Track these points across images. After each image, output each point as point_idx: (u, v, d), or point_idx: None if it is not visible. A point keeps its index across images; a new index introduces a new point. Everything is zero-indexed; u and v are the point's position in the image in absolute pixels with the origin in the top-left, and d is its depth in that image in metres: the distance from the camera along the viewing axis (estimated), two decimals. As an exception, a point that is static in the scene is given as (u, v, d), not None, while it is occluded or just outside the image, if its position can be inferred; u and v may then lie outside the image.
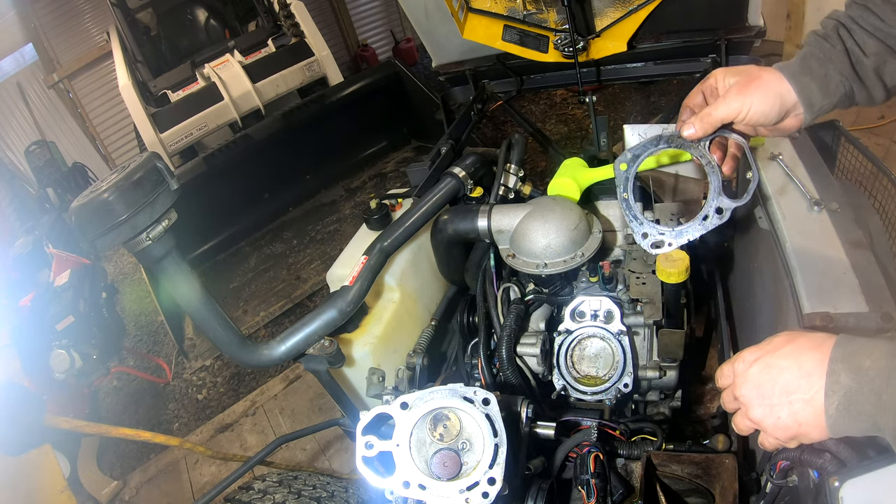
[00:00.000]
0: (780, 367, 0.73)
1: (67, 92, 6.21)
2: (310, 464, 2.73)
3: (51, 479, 1.67)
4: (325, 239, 4.00)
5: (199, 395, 3.48)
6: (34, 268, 2.90)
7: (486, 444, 0.72)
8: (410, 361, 1.39)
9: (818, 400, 0.69)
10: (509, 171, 1.63)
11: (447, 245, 1.51)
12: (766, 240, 1.31)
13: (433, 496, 0.72)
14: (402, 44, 7.45)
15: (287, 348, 1.18)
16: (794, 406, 0.71)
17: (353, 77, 4.26)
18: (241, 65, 4.61)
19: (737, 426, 0.80)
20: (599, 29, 1.96)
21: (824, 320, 0.87)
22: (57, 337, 2.53)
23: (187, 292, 1.07)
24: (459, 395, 0.74)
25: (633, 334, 1.29)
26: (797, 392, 0.71)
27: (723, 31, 1.90)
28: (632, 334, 1.27)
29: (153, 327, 4.21)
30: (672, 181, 1.69)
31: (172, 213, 0.99)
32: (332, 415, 2.22)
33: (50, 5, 5.92)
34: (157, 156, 0.98)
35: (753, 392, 0.75)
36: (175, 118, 4.42)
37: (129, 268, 5.13)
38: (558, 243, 1.27)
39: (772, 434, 0.75)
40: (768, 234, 1.29)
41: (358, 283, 1.26)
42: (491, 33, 2.05)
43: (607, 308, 1.25)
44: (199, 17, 5.39)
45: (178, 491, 2.87)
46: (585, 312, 1.26)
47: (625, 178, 0.99)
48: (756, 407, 0.75)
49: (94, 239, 0.92)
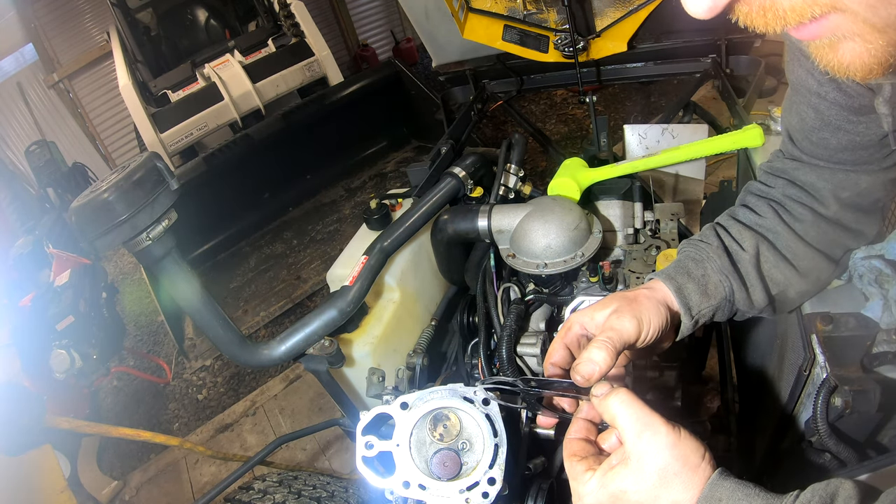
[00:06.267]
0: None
1: (67, 92, 6.21)
2: (310, 464, 2.74)
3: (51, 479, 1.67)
4: (325, 239, 4.00)
5: (199, 395, 3.48)
6: (34, 268, 2.90)
7: (486, 444, 0.72)
8: (410, 361, 1.39)
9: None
10: (509, 171, 1.63)
11: (447, 245, 1.51)
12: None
13: (433, 496, 0.72)
14: (402, 44, 7.46)
15: (287, 348, 1.18)
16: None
17: (354, 77, 4.26)
18: (242, 65, 4.62)
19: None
20: (599, 29, 1.96)
21: (824, 320, 0.87)
22: (57, 337, 2.53)
23: (187, 292, 1.07)
24: (459, 395, 0.74)
25: (633, 334, 1.28)
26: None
27: (723, 30, 1.90)
28: (632, 334, 1.26)
29: (153, 327, 4.22)
30: (672, 181, 1.69)
31: (172, 213, 0.98)
32: (332, 415, 2.23)
33: (50, 5, 5.92)
34: (157, 156, 0.98)
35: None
36: (175, 118, 4.42)
37: (129, 268, 5.13)
38: (558, 243, 1.27)
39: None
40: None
41: (358, 283, 1.26)
42: (491, 33, 2.05)
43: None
44: (199, 17, 5.40)
45: (178, 491, 2.88)
46: (585, 312, 1.26)
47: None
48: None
49: (94, 239, 0.91)
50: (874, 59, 0.45)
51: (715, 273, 0.84)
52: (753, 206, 0.91)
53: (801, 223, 0.88)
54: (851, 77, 0.48)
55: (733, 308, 0.86)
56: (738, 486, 0.58)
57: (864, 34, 0.44)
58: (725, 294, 0.84)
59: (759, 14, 0.45)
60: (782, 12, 0.44)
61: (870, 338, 0.84)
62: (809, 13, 0.43)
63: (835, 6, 0.42)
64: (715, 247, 0.86)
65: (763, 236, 0.88)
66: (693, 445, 0.61)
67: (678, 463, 0.60)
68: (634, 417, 0.63)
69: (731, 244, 0.87)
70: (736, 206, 0.95)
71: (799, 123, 0.87)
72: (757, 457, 1.24)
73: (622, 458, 0.63)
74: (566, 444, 0.70)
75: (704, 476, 0.60)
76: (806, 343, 0.89)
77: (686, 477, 0.60)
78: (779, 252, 0.87)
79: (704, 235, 0.89)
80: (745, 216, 0.90)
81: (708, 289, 0.83)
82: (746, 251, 0.86)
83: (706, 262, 0.85)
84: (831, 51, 0.47)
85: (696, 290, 0.82)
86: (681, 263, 0.86)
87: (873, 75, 0.47)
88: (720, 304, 0.84)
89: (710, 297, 0.83)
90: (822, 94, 0.79)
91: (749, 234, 0.87)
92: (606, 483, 0.62)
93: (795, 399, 0.97)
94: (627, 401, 0.64)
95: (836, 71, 0.48)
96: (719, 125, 1.77)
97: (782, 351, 1.09)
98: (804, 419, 0.96)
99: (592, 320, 0.79)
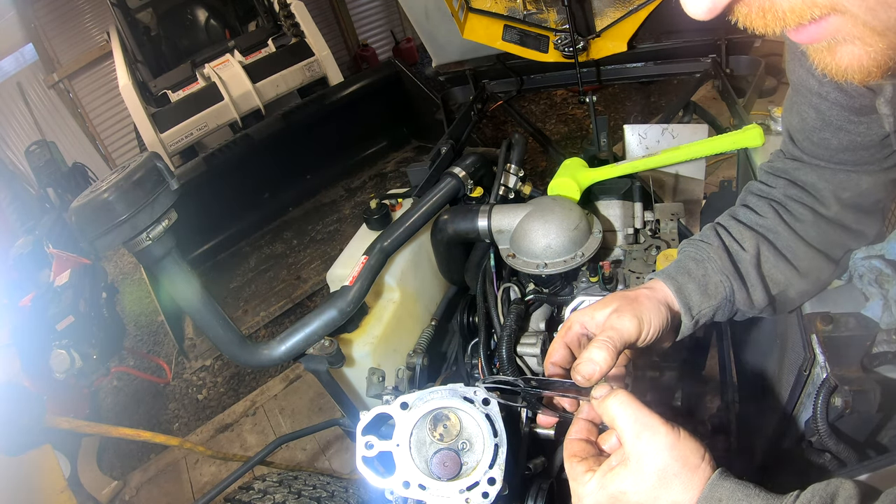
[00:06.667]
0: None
1: (67, 92, 6.21)
2: (310, 464, 2.74)
3: (51, 479, 1.67)
4: (325, 239, 4.00)
5: (199, 395, 3.48)
6: (34, 268, 2.90)
7: (486, 444, 0.72)
8: (410, 361, 1.39)
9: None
10: (509, 171, 1.63)
11: (447, 245, 1.51)
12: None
13: (433, 496, 0.72)
14: (402, 44, 7.46)
15: (287, 348, 1.18)
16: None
17: (353, 77, 4.26)
18: (242, 65, 4.62)
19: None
20: (599, 29, 1.96)
21: (824, 320, 0.87)
22: (57, 337, 2.53)
23: (187, 292, 1.07)
24: (459, 395, 0.74)
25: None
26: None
27: (723, 31, 1.90)
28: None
29: (153, 327, 4.22)
30: (672, 181, 1.69)
31: (172, 213, 0.98)
32: (332, 415, 2.23)
33: (50, 5, 5.92)
34: (157, 156, 0.98)
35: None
36: (175, 118, 4.42)
37: (129, 268, 5.13)
38: (558, 243, 1.27)
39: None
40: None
41: (358, 283, 1.26)
42: (491, 33, 2.05)
43: (607, 308, 1.25)
44: (199, 17, 5.40)
45: (178, 491, 2.88)
46: (585, 312, 1.26)
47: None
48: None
49: (94, 239, 0.91)
50: (873, 62, 0.45)
51: (715, 273, 0.84)
52: (754, 206, 0.91)
53: (802, 223, 0.88)
54: (849, 80, 0.48)
55: (734, 308, 0.86)
56: (738, 486, 0.58)
57: (864, 37, 0.44)
58: (726, 294, 0.84)
59: (759, 15, 0.45)
60: (781, 14, 0.44)
61: (870, 338, 0.84)
62: (809, 15, 0.43)
63: (834, 8, 0.42)
64: (716, 247, 0.86)
65: (763, 236, 0.88)
66: (692, 446, 0.61)
67: (677, 464, 0.60)
68: (633, 419, 0.63)
69: (732, 244, 0.87)
70: (736, 206, 0.95)
71: (800, 124, 0.87)
72: (757, 457, 1.24)
73: (622, 459, 0.63)
74: (566, 444, 0.70)
75: (704, 476, 0.60)
76: (806, 343, 0.89)
77: (686, 477, 0.60)
78: (779, 252, 0.87)
79: (705, 235, 0.89)
80: (746, 216, 0.90)
81: (708, 289, 0.83)
82: (747, 251, 0.86)
83: (707, 262, 0.85)
84: (829, 54, 0.47)
85: (696, 290, 0.82)
86: (681, 263, 0.86)
87: (872, 78, 0.47)
88: (721, 304, 0.84)
89: (710, 297, 0.83)
90: (823, 95, 0.79)
91: (750, 234, 0.87)
92: (606, 484, 0.62)
93: (795, 399, 0.97)
94: (626, 402, 0.64)
95: (833, 75, 0.48)
96: (719, 125, 1.77)
97: (782, 351, 1.09)
98: (804, 419, 0.96)
99: (593, 319, 0.79)
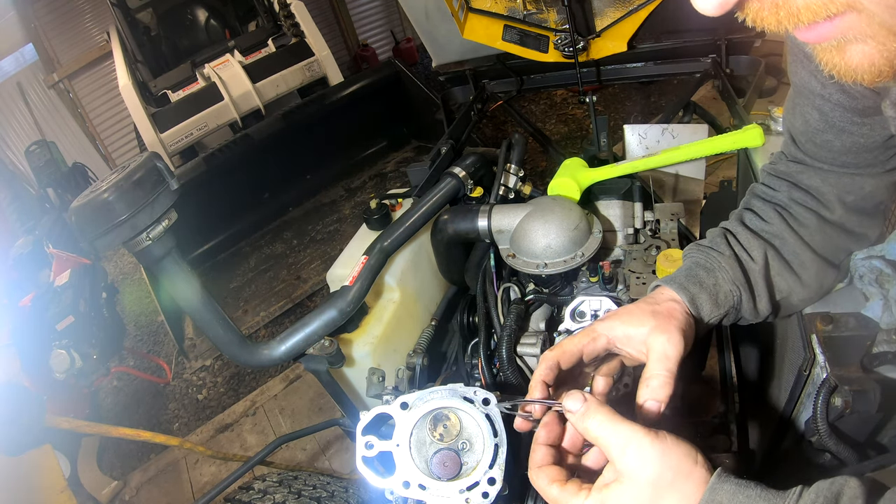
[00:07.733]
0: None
1: (67, 92, 6.21)
2: (310, 464, 2.74)
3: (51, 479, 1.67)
4: (325, 239, 4.00)
5: (199, 395, 3.48)
6: (34, 268, 2.90)
7: (486, 444, 0.72)
8: (410, 361, 1.39)
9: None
10: (509, 171, 1.63)
11: (447, 245, 1.51)
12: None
13: (433, 496, 0.72)
14: (402, 44, 7.46)
15: (287, 348, 1.18)
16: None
17: (353, 77, 4.26)
18: (242, 65, 4.62)
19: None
20: (599, 29, 1.96)
21: (824, 320, 0.87)
22: (57, 337, 2.53)
23: (187, 292, 1.07)
24: (459, 395, 0.74)
25: (634, 334, 1.28)
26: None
27: (723, 30, 1.90)
28: (632, 334, 1.26)
29: (153, 327, 4.22)
30: (672, 181, 1.69)
31: (172, 213, 0.98)
32: (332, 415, 2.23)
33: (50, 5, 5.92)
34: (157, 156, 0.98)
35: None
36: (175, 118, 4.42)
37: (129, 268, 5.13)
38: (558, 243, 1.27)
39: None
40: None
41: (358, 283, 1.26)
42: (491, 33, 2.05)
43: (607, 308, 1.25)
44: (199, 17, 5.40)
45: (178, 491, 2.88)
46: (586, 312, 1.26)
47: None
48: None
49: (94, 239, 0.91)
50: (886, 61, 0.44)
51: (726, 283, 0.83)
52: (759, 211, 0.91)
53: (807, 228, 0.87)
54: (858, 81, 0.46)
55: (738, 316, 0.86)
56: (738, 487, 0.57)
57: (878, 36, 0.42)
58: (734, 303, 0.83)
59: (772, 12, 0.43)
60: (796, 10, 0.42)
61: (870, 338, 0.84)
62: (825, 12, 0.41)
63: (851, 6, 0.41)
64: (727, 256, 0.85)
65: (770, 243, 0.87)
66: (682, 450, 0.60)
67: (670, 472, 0.58)
68: (615, 435, 0.61)
69: (742, 253, 0.86)
70: (742, 210, 0.94)
71: (802, 126, 0.86)
72: (757, 457, 1.24)
73: (616, 477, 0.61)
74: (537, 473, 0.66)
75: (701, 480, 0.58)
76: (806, 343, 0.89)
77: (680, 485, 0.58)
78: (784, 260, 0.86)
79: (714, 243, 0.87)
80: (753, 222, 0.90)
81: (718, 298, 0.82)
82: (756, 262, 0.85)
83: (717, 271, 0.84)
84: (838, 54, 0.46)
85: (708, 300, 0.81)
86: (691, 271, 0.84)
87: (883, 78, 0.45)
88: (727, 313, 0.84)
89: (719, 306, 0.82)
90: (825, 96, 0.78)
91: (757, 243, 0.86)
92: (605, 500, 0.60)
93: (795, 399, 0.97)
94: (604, 421, 0.62)
95: (842, 75, 0.47)
96: (719, 125, 1.77)
97: (782, 351, 1.09)
98: (804, 419, 0.95)
99: (629, 339, 0.76)
